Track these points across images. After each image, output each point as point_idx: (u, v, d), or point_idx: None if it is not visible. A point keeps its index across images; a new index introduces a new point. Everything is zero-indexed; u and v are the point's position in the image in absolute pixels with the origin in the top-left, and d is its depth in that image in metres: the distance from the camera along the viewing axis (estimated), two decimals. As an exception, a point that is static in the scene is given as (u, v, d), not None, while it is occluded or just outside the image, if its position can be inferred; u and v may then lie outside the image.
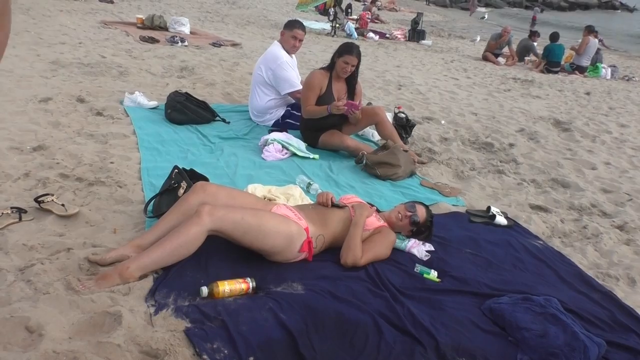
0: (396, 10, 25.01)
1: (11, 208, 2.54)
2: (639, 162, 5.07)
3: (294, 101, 4.67)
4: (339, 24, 13.04)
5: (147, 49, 7.55)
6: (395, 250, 2.69)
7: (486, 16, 27.63)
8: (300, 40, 4.67)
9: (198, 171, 2.91)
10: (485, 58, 11.71)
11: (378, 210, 2.87)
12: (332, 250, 2.56)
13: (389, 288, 2.33)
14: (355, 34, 12.94)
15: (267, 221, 2.30)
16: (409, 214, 2.73)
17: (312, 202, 2.96)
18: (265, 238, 2.28)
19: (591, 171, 4.62)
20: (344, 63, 3.98)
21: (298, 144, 4.08)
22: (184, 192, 2.58)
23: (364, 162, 3.87)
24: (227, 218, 2.20)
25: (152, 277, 2.17)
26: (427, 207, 2.86)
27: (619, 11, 46.35)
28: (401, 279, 2.45)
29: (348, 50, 3.97)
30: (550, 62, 10.94)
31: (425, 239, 2.82)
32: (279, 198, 3.01)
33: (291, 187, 3.24)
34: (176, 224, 2.26)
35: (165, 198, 2.72)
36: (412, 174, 3.93)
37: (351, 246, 2.48)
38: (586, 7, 44.65)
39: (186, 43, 8.25)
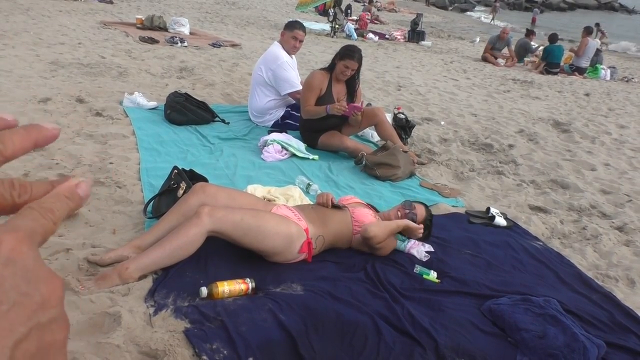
0: (396, 11, 25.06)
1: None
2: (638, 163, 5.07)
3: (293, 102, 4.67)
4: (339, 25, 13.05)
5: (147, 50, 7.55)
6: (395, 251, 2.69)
7: (482, 17, 27.80)
8: (301, 41, 4.67)
9: (197, 172, 2.91)
10: (484, 59, 11.73)
11: (377, 211, 2.88)
12: (332, 251, 2.56)
13: (389, 289, 2.33)
14: (355, 35, 12.95)
15: (266, 222, 2.30)
16: (406, 211, 2.75)
17: (312, 203, 2.96)
18: (265, 239, 2.28)
19: (591, 172, 4.62)
20: (344, 67, 3.98)
21: (298, 145, 4.08)
22: (184, 193, 2.58)
23: (364, 162, 3.87)
24: (226, 219, 2.20)
25: (152, 277, 2.17)
26: (426, 206, 2.87)
27: (618, 12, 46.45)
28: (400, 280, 2.45)
29: (349, 54, 3.96)
30: (550, 63, 10.95)
31: (424, 239, 2.83)
32: (279, 199, 3.01)
33: (291, 187, 3.24)
34: (176, 225, 2.26)
35: (165, 199, 2.72)
36: (411, 174, 3.93)
37: (384, 228, 2.54)
38: (586, 8, 44.77)
39: (186, 43, 8.25)
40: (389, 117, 4.59)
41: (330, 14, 13.10)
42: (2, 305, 0.24)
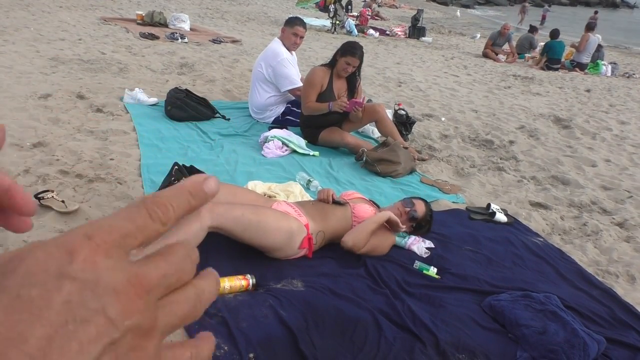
0: (396, 7, 25.02)
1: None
2: (639, 159, 5.07)
3: (294, 98, 4.66)
4: (339, 21, 13.01)
5: (147, 46, 7.54)
6: (395, 247, 2.69)
7: (458, 12, 27.82)
8: (301, 38, 4.65)
9: (198, 168, 2.91)
10: (485, 55, 11.70)
11: (377, 207, 2.88)
12: (332, 247, 2.56)
13: (389, 285, 2.34)
14: (356, 31, 12.92)
15: (267, 218, 2.31)
16: (407, 209, 2.73)
17: (313, 199, 2.96)
18: (266, 234, 2.28)
19: (591, 168, 4.62)
20: (346, 63, 3.97)
21: (298, 141, 4.07)
22: (184, 189, 2.58)
23: (364, 159, 3.86)
24: (227, 215, 2.20)
25: (152, 273, 2.17)
26: (425, 201, 2.85)
27: (620, 8, 46.38)
28: (401, 276, 2.45)
29: (351, 51, 3.95)
30: (551, 59, 10.93)
31: (424, 234, 2.83)
32: (279, 195, 3.02)
33: (291, 184, 3.24)
34: (176, 221, 2.26)
35: (165, 195, 2.71)
36: (412, 171, 3.93)
37: (359, 232, 2.49)
38: (587, 4, 44.74)
39: (186, 39, 8.24)
40: (389, 114, 4.58)
41: (331, 10, 13.07)
42: (69, 324, 0.22)
